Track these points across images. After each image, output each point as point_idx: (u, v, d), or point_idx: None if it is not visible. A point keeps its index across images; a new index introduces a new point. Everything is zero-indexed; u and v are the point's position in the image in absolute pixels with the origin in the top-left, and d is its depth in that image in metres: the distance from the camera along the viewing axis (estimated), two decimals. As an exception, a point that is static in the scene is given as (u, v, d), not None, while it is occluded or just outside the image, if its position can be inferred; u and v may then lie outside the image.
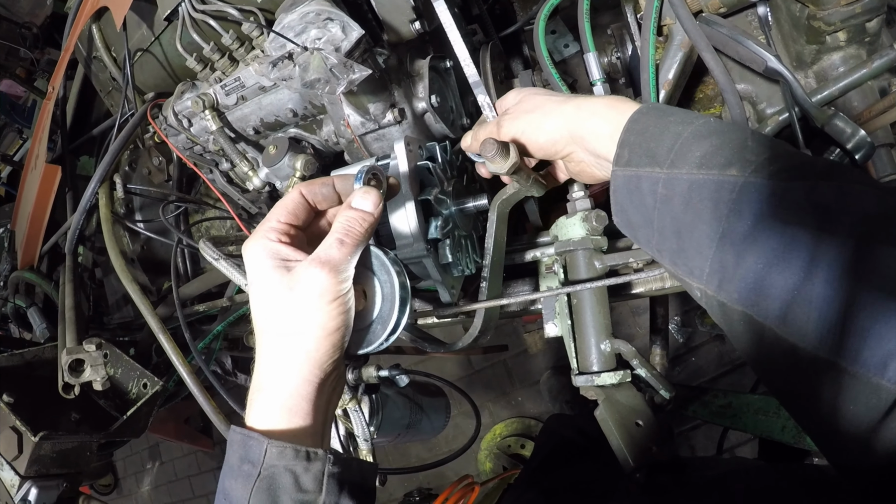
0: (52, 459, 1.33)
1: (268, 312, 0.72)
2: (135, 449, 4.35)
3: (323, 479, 0.67)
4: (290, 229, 0.76)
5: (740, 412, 1.27)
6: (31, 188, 1.66)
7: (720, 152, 0.66)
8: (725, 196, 0.63)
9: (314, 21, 0.87)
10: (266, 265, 0.72)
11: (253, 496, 0.66)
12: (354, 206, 0.76)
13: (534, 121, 0.86)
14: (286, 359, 0.70)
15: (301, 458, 0.67)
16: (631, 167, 0.73)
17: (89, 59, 1.49)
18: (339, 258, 0.71)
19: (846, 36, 0.97)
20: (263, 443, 0.66)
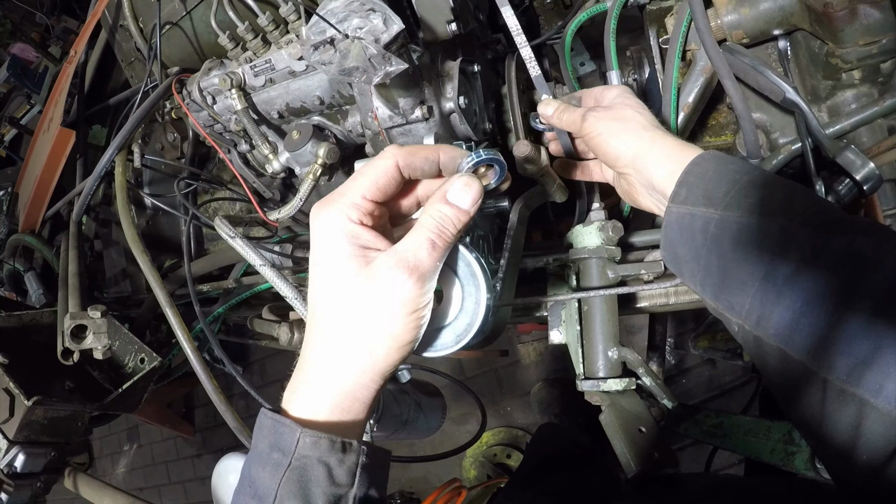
0: (42, 426, 1.30)
1: (333, 307, 0.64)
2: (113, 429, 4.28)
3: (356, 472, 0.63)
4: (374, 208, 0.66)
5: (731, 432, 1.28)
6: (41, 151, 1.65)
7: (772, 201, 0.70)
8: (772, 240, 0.67)
9: (358, 10, 0.88)
10: (342, 248, 0.63)
11: (282, 487, 0.61)
12: (451, 200, 0.65)
13: (614, 130, 0.88)
14: (349, 365, 0.64)
15: (336, 451, 0.62)
16: (687, 205, 0.77)
17: (115, 27, 1.49)
18: (428, 265, 0.62)
19: (861, 74, 1.01)
20: (296, 431, 0.61)
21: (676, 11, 1.08)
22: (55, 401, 1.30)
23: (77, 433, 1.40)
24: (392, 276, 0.61)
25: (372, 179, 0.65)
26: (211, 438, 3.78)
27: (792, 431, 1.22)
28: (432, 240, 0.63)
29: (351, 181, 0.65)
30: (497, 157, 0.70)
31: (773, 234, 0.67)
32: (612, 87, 0.97)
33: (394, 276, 0.61)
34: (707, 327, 2.36)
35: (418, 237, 0.63)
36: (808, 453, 1.19)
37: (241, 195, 1.53)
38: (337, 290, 0.63)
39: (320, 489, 0.61)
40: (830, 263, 0.62)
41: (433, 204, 0.65)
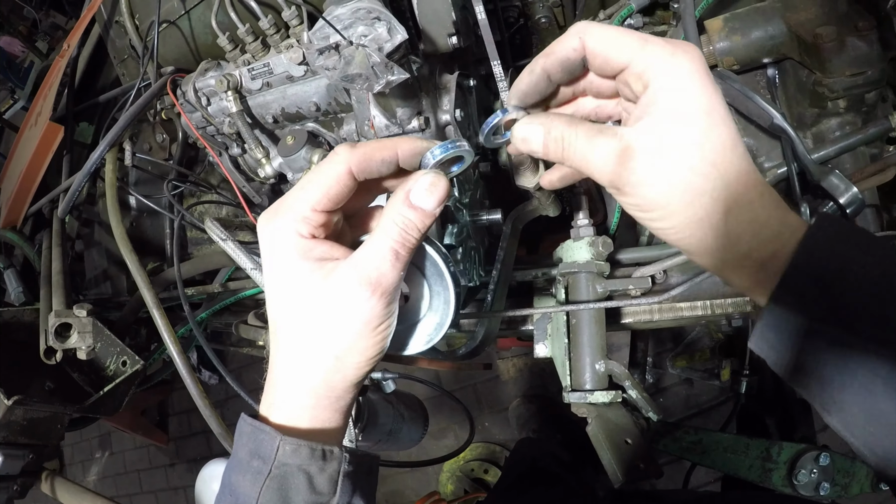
0: (21, 427, 1.27)
1: (296, 325, 0.61)
2: (84, 436, 4.17)
3: (338, 480, 0.62)
4: (327, 219, 0.61)
5: (710, 449, 1.31)
6: (27, 146, 1.62)
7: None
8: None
9: (363, 18, 0.89)
10: (296, 265, 0.59)
11: (262, 495, 0.59)
12: (415, 202, 0.60)
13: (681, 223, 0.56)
14: (317, 375, 0.62)
15: (317, 458, 0.61)
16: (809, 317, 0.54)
17: (109, 23, 1.48)
18: (392, 278, 0.58)
19: (846, 104, 1.05)
20: (276, 438, 0.60)
21: (670, 36, 1.11)
22: (35, 401, 1.27)
23: (56, 435, 1.37)
24: (355, 294, 0.58)
25: (322, 190, 0.59)
26: (184, 448, 3.72)
27: (770, 448, 1.25)
28: (395, 250, 0.58)
29: (299, 190, 0.60)
30: (464, 146, 0.63)
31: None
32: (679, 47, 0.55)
33: (357, 294, 0.57)
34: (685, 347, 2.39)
35: (381, 248, 0.58)
36: (785, 470, 1.21)
37: (228, 199, 1.52)
38: (297, 306, 0.61)
39: (301, 497, 0.60)
40: None
41: (395, 207, 0.60)
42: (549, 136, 0.60)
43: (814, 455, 1.22)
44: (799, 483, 1.20)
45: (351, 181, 0.60)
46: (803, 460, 1.21)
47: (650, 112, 0.55)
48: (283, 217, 0.60)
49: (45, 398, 1.35)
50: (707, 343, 2.31)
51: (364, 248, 0.59)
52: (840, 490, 1.24)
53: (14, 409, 1.24)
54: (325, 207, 0.60)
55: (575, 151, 0.59)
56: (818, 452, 1.22)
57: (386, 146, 0.61)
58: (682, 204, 0.55)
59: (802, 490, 1.20)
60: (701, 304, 1.12)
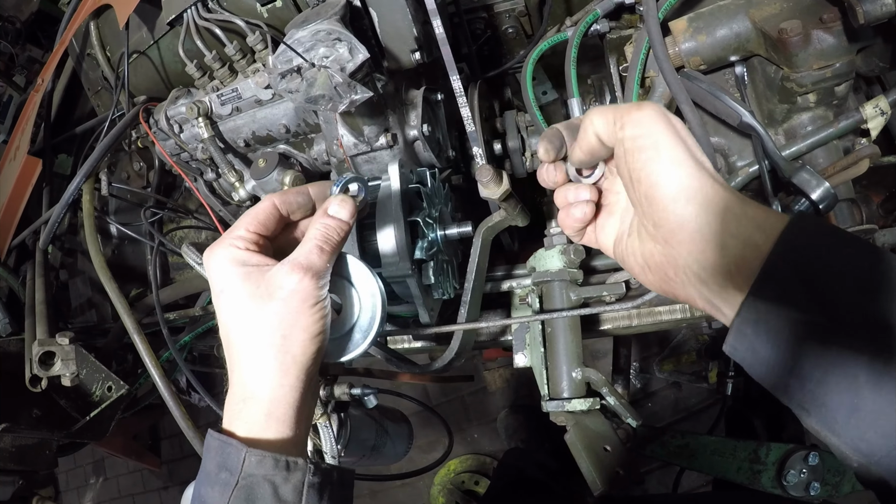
0: (10, 454, 1.29)
1: (245, 321, 0.69)
2: (78, 462, 4.17)
3: (303, 490, 0.66)
4: (258, 239, 0.74)
5: (697, 452, 1.31)
6: (7, 180, 1.63)
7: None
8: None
9: (324, 40, 0.90)
10: (235, 273, 0.69)
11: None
12: (332, 213, 0.76)
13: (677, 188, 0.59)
14: (272, 366, 0.68)
15: (281, 468, 0.65)
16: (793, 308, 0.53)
17: (82, 56, 1.49)
18: (320, 265, 0.71)
19: (815, 98, 1.04)
20: (242, 450, 0.65)
21: (635, 40, 1.11)
22: (23, 428, 1.30)
23: (45, 462, 1.39)
24: (289, 277, 0.69)
25: (252, 215, 0.74)
26: (177, 470, 3.71)
27: (758, 450, 1.24)
28: (319, 245, 0.72)
29: (236, 223, 0.74)
30: (356, 176, 0.82)
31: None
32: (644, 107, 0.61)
33: (291, 277, 0.69)
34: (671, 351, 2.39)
35: (306, 244, 0.72)
36: (774, 471, 1.21)
37: (207, 223, 1.53)
38: (242, 307, 0.69)
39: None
40: None
41: (317, 219, 0.75)
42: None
43: (803, 455, 1.21)
44: (789, 484, 1.20)
45: (275, 211, 0.76)
46: (792, 460, 1.21)
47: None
48: (222, 241, 0.72)
49: (32, 425, 1.36)
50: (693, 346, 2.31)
51: (295, 250, 0.73)
52: (831, 489, 1.23)
53: (2, 437, 1.28)
54: (256, 229, 0.73)
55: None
56: (807, 452, 1.22)
57: (300, 188, 0.80)
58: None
59: (793, 491, 1.20)
60: (680, 308, 1.12)
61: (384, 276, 1.00)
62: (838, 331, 0.51)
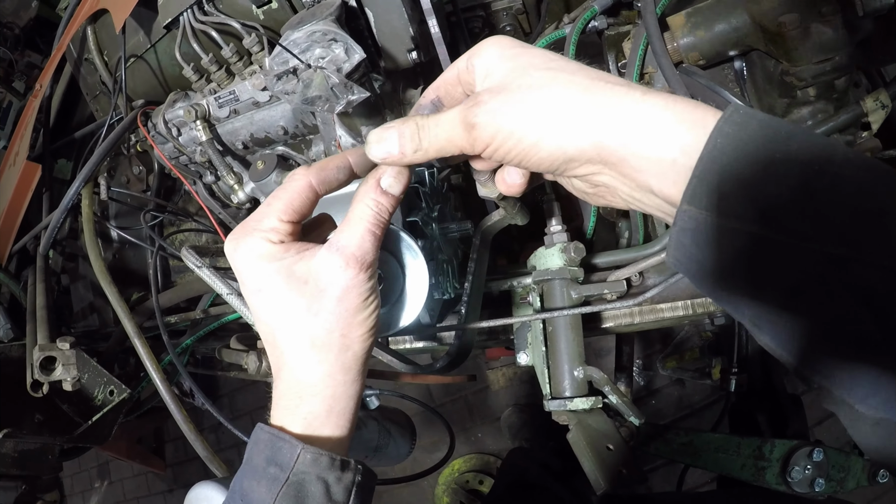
0: (12, 459, 1.29)
1: (295, 323, 0.64)
2: (83, 466, 4.18)
3: (352, 490, 0.64)
4: (294, 228, 0.65)
5: (701, 450, 1.30)
6: (7, 185, 1.63)
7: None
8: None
9: (320, 41, 0.90)
10: (273, 270, 0.63)
11: (278, 501, 0.61)
12: (386, 188, 0.64)
13: (533, 118, 0.54)
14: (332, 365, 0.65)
15: (336, 468, 0.63)
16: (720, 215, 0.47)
17: (80, 61, 1.49)
18: (373, 255, 0.63)
19: (815, 91, 1.03)
20: (297, 447, 0.62)
21: (633, 36, 1.11)
22: (25, 433, 1.29)
23: (47, 466, 1.39)
24: (343, 274, 0.62)
25: (286, 202, 0.64)
26: (182, 473, 3.71)
27: (762, 446, 1.24)
28: (371, 230, 0.63)
29: (265, 206, 0.64)
30: None
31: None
32: (483, 44, 0.61)
33: (345, 273, 0.62)
34: (674, 348, 2.39)
35: (359, 229, 0.63)
36: (778, 468, 1.20)
37: (207, 226, 1.53)
38: (288, 308, 0.63)
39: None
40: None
41: (368, 194, 0.64)
42: (402, 134, 0.62)
43: (807, 451, 1.21)
44: (793, 480, 1.19)
45: (311, 193, 0.64)
46: (797, 457, 1.20)
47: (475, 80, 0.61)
48: (252, 232, 0.63)
49: (34, 430, 1.36)
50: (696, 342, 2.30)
51: (341, 232, 0.63)
52: (835, 485, 1.22)
53: (5, 442, 1.28)
54: (291, 218, 0.64)
55: (429, 136, 0.60)
56: (811, 448, 1.21)
57: (338, 157, 0.67)
58: (539, 105, 0.54)
59: (797, 487, 1.19)
60: (682, 304, 1.11)
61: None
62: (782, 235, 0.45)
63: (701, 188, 0.47)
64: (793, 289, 0.45)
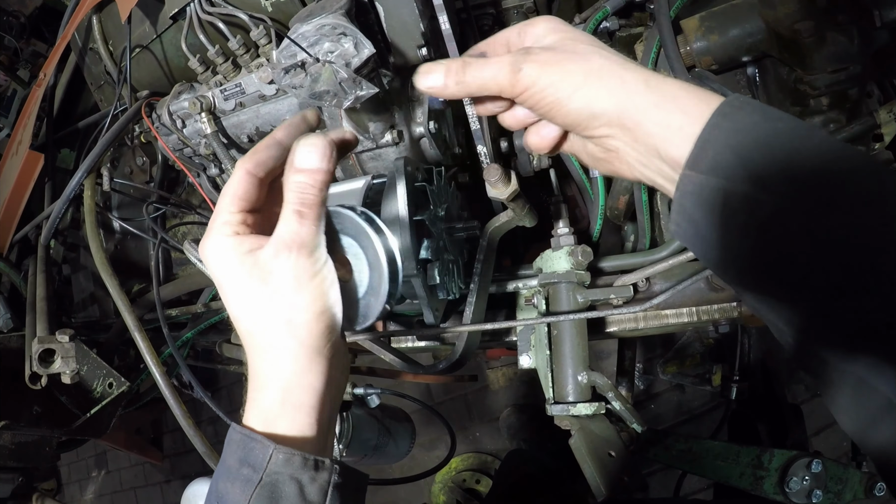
0: (10, 451, 1.29)
1: (250, 311, 0.65)
2: (81, 455, 4.19)
3: (328, 491, 0.63)
4: (245, 217, 0.67)
5: (700, 457, 1.29)
6: (9, 174, 1.63)
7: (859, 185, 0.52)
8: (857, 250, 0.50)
9: (329, 34, 0.88)
10: (230, 263, 0.64)
11: (252, 502, 0.61)
12: (299, 165, 0.65)
13: (575, 77, 0.62)
14: (281, 353, 0.65)
15: (309, 468, 0.62)
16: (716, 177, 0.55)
17: (84, 50, 1.48)
18: (305, 234, 0.64)
19: (828, 101, 1.02)
20: (269, 447, 0.61)
21: (646, 38, 1.10)
22: (23, 426, 1.30)
23: (45, 458, 1.39)
24: (278, 260, 0.63)
25: (230, 193, 0.66)
26: (179, 465, 3.71)
27: (761, 456, 1.23)
28: (297, 210, 0.64)
29: (217, 204, 0.67)
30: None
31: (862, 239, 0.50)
32: (538, 20, 0.68)
33: (279, 259, 0.63)
34: (675, 353, 2.38)
35: (285, 214, 0.65)
36: (777, 477, 1.19)
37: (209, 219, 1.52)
38: (244, 297, 0.65)
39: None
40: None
41: (286, 175, 0.66)
42: (449, 68, 0.67)
43: (806, 462, 1.20)
44: (791, 491, 1.18)
45: (252, 178, 0.66)
46: (795, 467, 1.19)
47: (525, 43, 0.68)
48: (210, 231, 0.66)
49: (32, 422, 1.35)
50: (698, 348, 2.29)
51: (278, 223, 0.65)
52: (833, 497, 1.21)
53: (2, 434, 1.28)
54: (239, 207, 0.66)
55: (473, 73, 0.66)
56: (810, 459, 1.20)
57: (267, 137, 0.69)
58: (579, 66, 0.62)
59: (795, 498, 1.18)
60: (687, 311, 1.10)
61: None
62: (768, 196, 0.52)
63: (702, 155, 0.55)
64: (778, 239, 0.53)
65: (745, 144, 0.54)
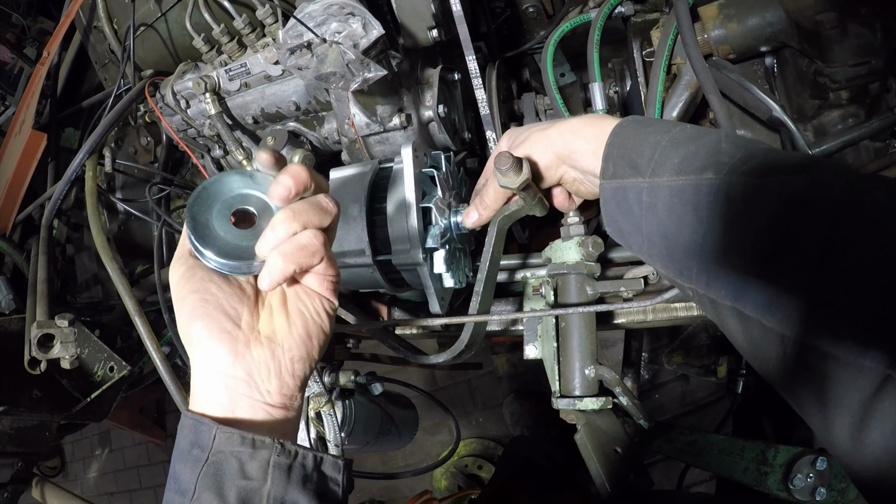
0: (9, 436, 1.28)
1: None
2: (84, 434, 4.21)
3: (268, 469, 0.65)
4: None
5: (704, 451, 1.27)
6: (12, 154, 1.61)
7: (696, 157, 0.69)
8: (704, 198, 0.66)
9: (336, 14, 0.86)
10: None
11: (200, 480, 0.64)
12: None
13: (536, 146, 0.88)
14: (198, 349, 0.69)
15: (247, 445, 0.65)
16: (616, 179, 0.77)
17: (89, 28, 1.46)
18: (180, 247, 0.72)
19: (848, 95, 0.99)
20: (213, 428, 0.65)
21: (663, 24, 1.07)
22: (22, 410, 1.29)
23: (45, 442, 1.39)
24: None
25: None
26: (182, 444, 3.74)
27: (765, 451, 1.22)
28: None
29: None
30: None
31: (703, 190, 0.66)
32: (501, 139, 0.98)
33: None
34: (681, 343, 2.35)
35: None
36: (781, 474, 1.18)
37: (214, 201, 1.50)
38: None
39: (232, 481, 0.64)
40: (767, 213, 0.61)
41: None
42: (476, 206, 0.97)
43: (810, 459, 1.18)
44: (795, 487, 1.17)
45: None
46: (800, 464, 1.18)
47: None
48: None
49: (32, 407, 1.34)
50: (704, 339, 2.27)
51: None
52: (836, 495, 1.20)
53: (1, 420, 1.26)
54: None
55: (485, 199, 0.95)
56: (815, 456, 1.19)
57: None
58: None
59: (798, 495, 1.17)
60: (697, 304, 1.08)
61: (394, 262, 0.97)
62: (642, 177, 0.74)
63: (605, 166, 0.79)
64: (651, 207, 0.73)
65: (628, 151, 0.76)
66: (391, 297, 1.26)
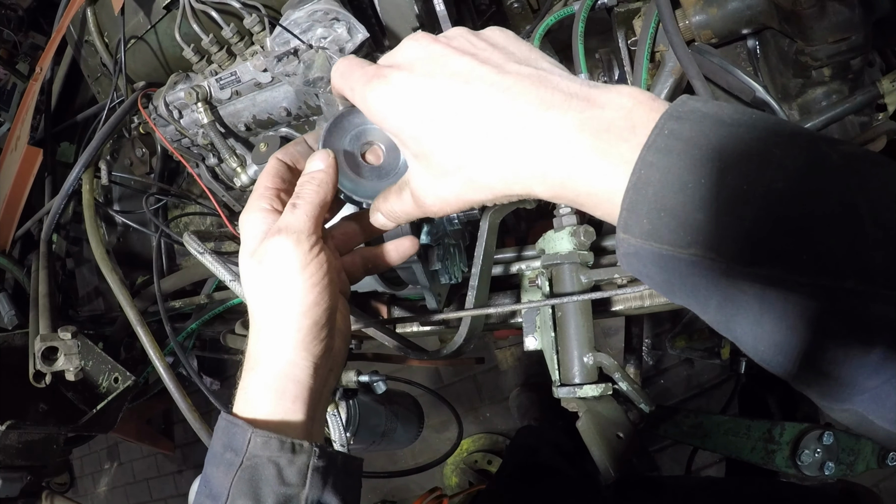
0: (17, 450, 1.29)
1: (250, 289, 0.68)
2: (93, 448, 4.22)
3: (307, 473, 0.64)
4: (280, 193, 0.70)
5: (711, 432, 1.29)
6: (9, 170, 1.62)
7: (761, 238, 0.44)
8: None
9: (321, 20, 0.87)
10: (248, 238, 0.68)
11: (234, 486, 0.62)
12: (305, 171, 0.70)
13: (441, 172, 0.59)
14: (268, 337, 0.66)
15: (286, 450, 0.64)
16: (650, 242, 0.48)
17: (80, 42, 1.47)
18: (292, 220, 0.65)
19: (830, 72, 1.00)
20: (248, 431, 0.63)
21: (644, 13, 1.08)
22: (29, 424, 1.30)
23: (53, 455, 1.40)
24: (270, 242, 0.65)
25: (265, 174, 0.70)
26: (191, 454, 3.74)
27: (772, 429, 1.23)
28: (293, 202, 0.66)
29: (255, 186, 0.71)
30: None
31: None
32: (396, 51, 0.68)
33: (270, 241, 0.64)
34: (684, 327, 2.36)
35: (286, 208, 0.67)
36: (788, 451, 1.19)
37: (211, 209, 1.51)
38: (247, 275, 0.67)
39: (270, 488, 0.62)
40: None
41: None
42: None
43: (817, 434, 1.19)
44: (803, 463, 1.18)
45: (283, 165, 0.72)
46: (807, 440, 1.19)
47: None
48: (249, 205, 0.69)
49: (39, 420, 1.36)
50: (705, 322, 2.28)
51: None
52: (845, 469, 1.21)
53: (8, 434, 1.28)
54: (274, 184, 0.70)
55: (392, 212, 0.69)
56: (821, 431, 1.20)
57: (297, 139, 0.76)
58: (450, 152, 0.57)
59: (807, 470, 1.18)
60: (693, 287, 1.09)
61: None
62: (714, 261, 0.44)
63: (632, 219, 0.47)
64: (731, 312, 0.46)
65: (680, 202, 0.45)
66: (391, 296, 1.27)
